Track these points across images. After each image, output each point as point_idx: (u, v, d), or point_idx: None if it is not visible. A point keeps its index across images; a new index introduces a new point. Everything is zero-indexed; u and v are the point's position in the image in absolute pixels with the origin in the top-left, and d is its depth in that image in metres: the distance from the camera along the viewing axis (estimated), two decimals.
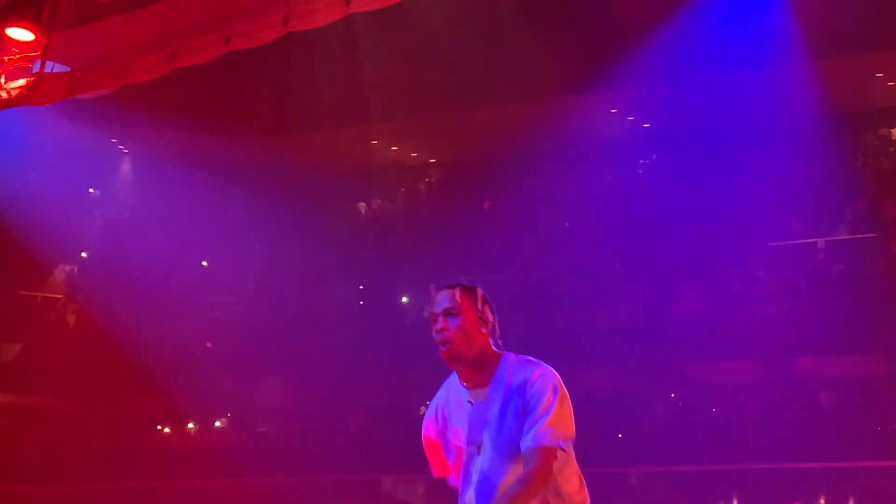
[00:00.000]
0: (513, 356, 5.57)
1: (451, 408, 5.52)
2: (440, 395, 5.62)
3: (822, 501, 24.42)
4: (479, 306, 5.40)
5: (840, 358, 24.57)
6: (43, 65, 12.30)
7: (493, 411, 5.33)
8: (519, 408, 5.29)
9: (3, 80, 12.49)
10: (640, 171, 30.33)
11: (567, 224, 29.46)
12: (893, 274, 25.16)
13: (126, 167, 33.56)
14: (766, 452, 23.17)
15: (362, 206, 32.92)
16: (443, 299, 5.41)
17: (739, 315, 24.80)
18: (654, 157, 30.21)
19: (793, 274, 25.55)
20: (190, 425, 29.84)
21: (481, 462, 5.27)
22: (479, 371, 5.39)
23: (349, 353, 26.86)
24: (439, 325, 5.37)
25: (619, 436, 25.14)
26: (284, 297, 29.50)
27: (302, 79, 27.90)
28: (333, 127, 29.36)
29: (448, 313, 5.36)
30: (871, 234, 26.17)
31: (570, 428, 5.53)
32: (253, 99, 29.16)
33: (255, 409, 28.74)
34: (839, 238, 26.38)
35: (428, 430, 5.58)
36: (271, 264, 30.92)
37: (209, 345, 30.00)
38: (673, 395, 25.95)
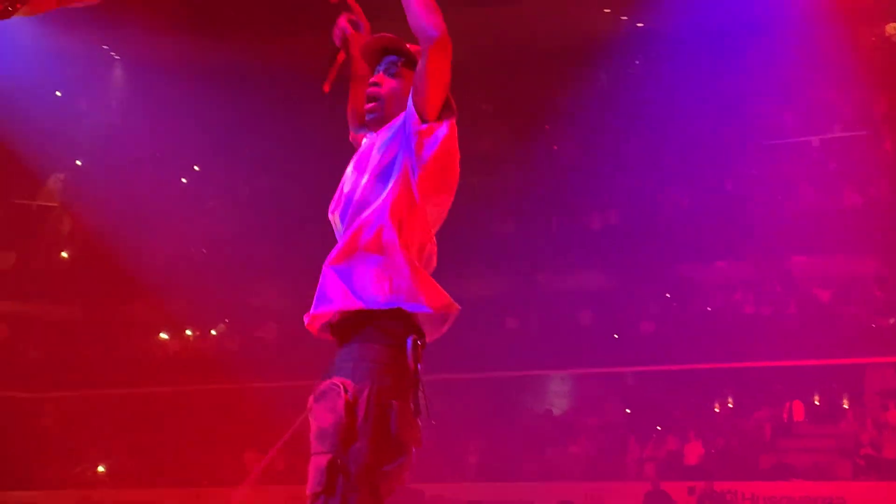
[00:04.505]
0: None
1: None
2: None
3: (817, 398, 24.67)
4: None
5: (834, 257, 24.66)
6: None
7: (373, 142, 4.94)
8: (398, 125, 4.82)
9: None
10: (633, 72, 30.16)
11: (556, 127, 29.36)
12: (886, 171, 25.17)
13: (119, 73, 33.35)
14: (761, 350, 23.32)
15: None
16: (389, 59, 4.98)
17: (733, 214, 24.83)
18: (646, 57, 30.04)
19: (786, 172, 25.54)
20: (188, 332, 29.98)
21: (346, 184, 4.96)
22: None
23: None
24: (374, 79, 4.96)
25: (616, 336, 25.31)
26: (279, 202, 29.46)
27: None
28: (323, 30, 29.11)
29: (389, 70, 4.95)
30: (865, 132, 26.11)
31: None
32: (244, 2, 28.96)
33: (252, 314, 28.82)
34: (833, 136, 26.33)
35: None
36: (264, 169, 30.83)
37: (204, 250, 30.02)
38: (668, 296, 26.08)
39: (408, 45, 4.90)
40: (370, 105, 4.92)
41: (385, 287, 4.59)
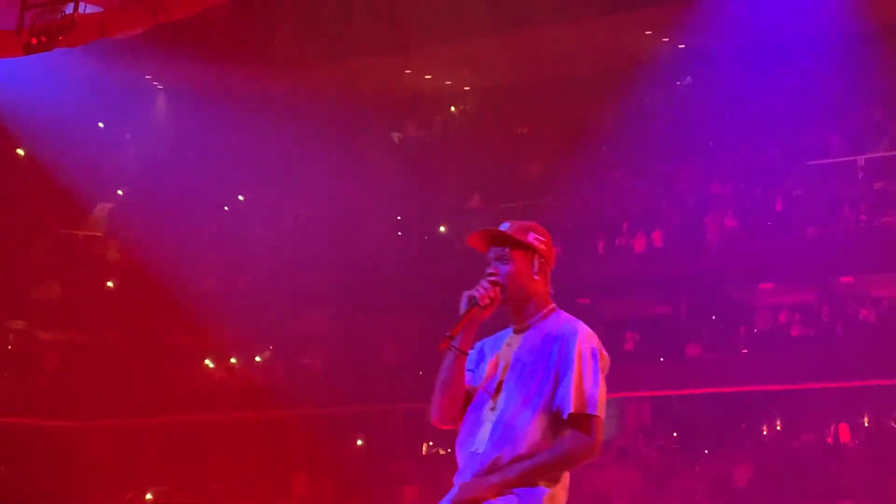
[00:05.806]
0: (564, 314, 5.28)
1: (492, 344, 5.23)
2: (491, 337, 5.29)
3: (866, 419, 24.44)
4: (532, 253, 5.14)
5: (881, 277, 24.44)
6: (76, 7, 12.28)
7: (524, 354, 5.09)
8: (552, 358, 5.05)
9: (36, 24, 12.48)
10: (677, 94, 30.08)
11: (603, 148, 29.32)
12: None
13: (161, 103, 33.56)
14: (809, 372, 23.13)
15: (396, 135, 32.84)
16: (495, 250, 5.15)
17: (779, 235, 24.67)
18: (690, 78, 29.97)
19: (833, 192, 25.34)
20: (233, 360, 30.02)
21: (499, 403, 5.01)
22: (527, 314, 5.15)
23: (387, 284, 26.89)
24: (490, 270, 5.10)
25: (662, 359, 25.18)
26: (323, 229, 29.52)
27: (333, 7, 27.88)
28: (366, 56, 29.27)
29: (500, 258, 5.11)
30: None
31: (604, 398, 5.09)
32: (285, 30, 29.11)
33: (298, 342, 28.87)
34: (879, 155, 26.12)
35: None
36: (309, 197, 30.89)
37: (248, 278, 30.09)
38: (714, 318, 25.92)
39: (509, 232, 5.13)
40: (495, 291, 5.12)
41: None
